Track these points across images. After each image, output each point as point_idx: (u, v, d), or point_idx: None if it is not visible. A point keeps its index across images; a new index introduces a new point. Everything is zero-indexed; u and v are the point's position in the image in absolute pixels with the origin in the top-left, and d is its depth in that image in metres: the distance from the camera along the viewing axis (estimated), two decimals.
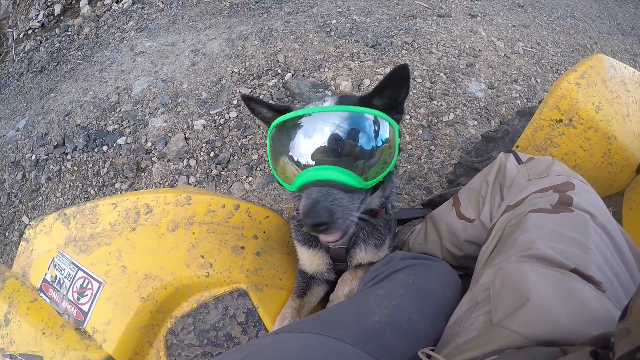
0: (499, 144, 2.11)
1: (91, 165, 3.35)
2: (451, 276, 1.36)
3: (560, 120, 1.68)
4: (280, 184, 1.24)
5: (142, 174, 3.24)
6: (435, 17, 4.63)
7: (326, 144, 1.14)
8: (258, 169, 3.10)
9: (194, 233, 1.35)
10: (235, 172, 3.10)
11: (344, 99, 1.23)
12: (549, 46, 4.59)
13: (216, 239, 1.37)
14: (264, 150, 3.19)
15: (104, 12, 5.16)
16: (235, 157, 3.18)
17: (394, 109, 1.22)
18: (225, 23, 4.60)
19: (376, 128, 1.17)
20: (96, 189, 3.24)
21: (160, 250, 1.31)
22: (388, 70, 3.70)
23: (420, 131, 3.33)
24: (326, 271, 1.53)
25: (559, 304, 0.91)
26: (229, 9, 4.88)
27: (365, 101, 1.20)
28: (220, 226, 1.40)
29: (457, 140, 3.30)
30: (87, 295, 1.28)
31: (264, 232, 1.50)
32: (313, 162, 1.14)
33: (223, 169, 3.13)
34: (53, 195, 3.31)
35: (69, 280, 1.31)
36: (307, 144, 1.15)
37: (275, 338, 1.06)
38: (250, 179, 3.05)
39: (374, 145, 1.16)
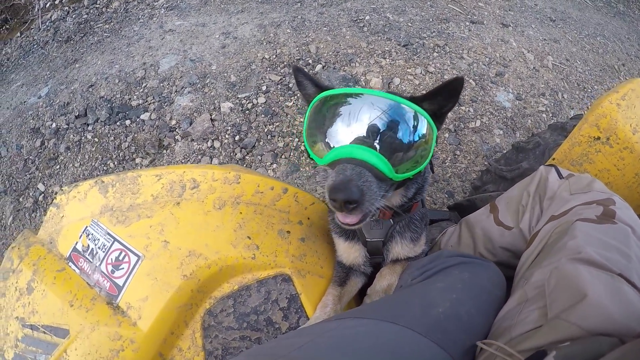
0: (529, 155, 2.12)
1: (112, 138, 3.32)
2: (500, 276, 1.37)
3: (598, 138, 1.68)
4: (310, 157, 1.24)
5: (164, 151, 3.20)
6: (467, 23, 4.58)
7: (370, 127, 1.15)
8: (283, 156, 3.06)
9: (241, 213, 1.31)
10: (259, 157, 3.06)
11: (394, 93, 1.22)
12: (578, 63, 4.54)
13: (263, 221, 1.33)
14: (290, 138, 3.16)
15: None
16: (261, 143, 3.14)
17: (437, 118, 1.22)
18: (258, 9, 4.56)
19: (419, 127, 1.18)
20: (116, 162, 3.21)
21: (206, 228, 1.26)
22: (419, 71, 3.69)
23: (446, 135, 3.30)
24: (362, 264, 1.52)
25: (611, 302, 0.98)
26: None
27: (416, 101, 1.19)
28: (267, 208, 1.36)
29: (482, 148, 3.26)
30: (123, 268, 1.22)
31: (308, 218, 1.46)
32: (351, 140, 1.15)
33: (247, 153, 3.09)
34: (71, 165, 3.28)
35: (103, 252, 1.26)
36: (351, 122, 1.16)
37: (339, 323, 1.07)
38: (274, 165, 3.02)
39: (413, 142, 1.18)
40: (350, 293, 1.51)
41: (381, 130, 1.14)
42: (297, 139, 3.15)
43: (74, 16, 4.87)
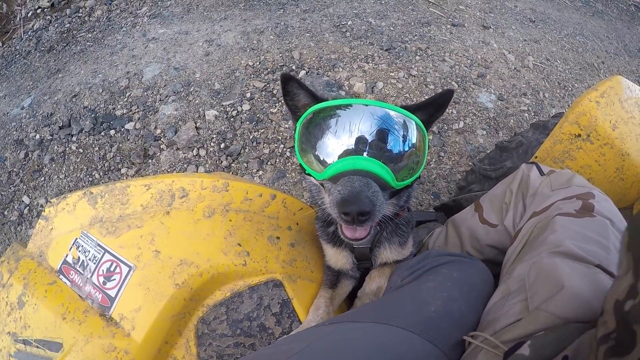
0: (512, 154, 2.18)
1: (97, 148, 3.30)
2: (487, 273, 1.41)
3: (579, 135, 1.74)
4: (306, 172, 1.24)
5: (150, 160, 3.19)
6: (449, 26, 4.63)
7: (371, 137, 1.15)
8: (269, 163, 3.06)
9: (230, 220, 1.31)
10: (245, 164, 3.06)
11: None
12: (558, 62, 4.61)
13: (253, 228, 1.34)
14: (276, 145, 3.16)
15: None
16: (246, 150, 3.14)
17: (425, 125, 1.26)
18: (241, 16, 4.55)
19: (415, 136, 1.21)
20: (101, 173, 3.18)
21: (197, 236, 1.27)
22: (401, 74, 3.72)
23: (430, 137, 3.32)
24: (350, 269, 1.53)
25: (588, 291, 1.04)
26: (244, 2, 4.82)
27: (410, 111, 1.22)
28: (256, 215, 1.37)
29: (465, 148, 3.30)
30: (114, 279, 1.22)
31: (297, 223, 1.47)
32: (352, 152, 1.15)
33: (233, 161, 3.09)
34: (56, 177, 3.25)
35: (94, 263, 1.26)
36: (352, 133, 1.15)
37: (335, 327, 1.09)
38: (260, 172, 3.02)
39: (410, 150, 1.20)
40: (341, 296, 1.53)
41: (382, 140, 1.15)
42: (282, 146, 3.16)
43: (56, 25, 4.81)
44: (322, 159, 1.19)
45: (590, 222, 1.26)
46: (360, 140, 1.15)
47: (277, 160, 3.08)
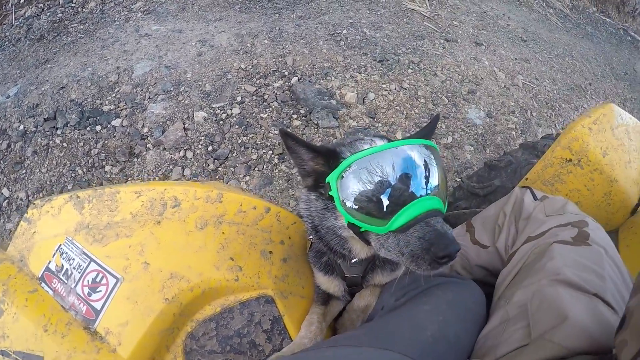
0: (501, 173, 2.21)
1: (82, 143, 3.23)
2: (481, 294, 1.42)
3: (570, 160, 1.77)
4: (370, 231, 1.16)
5: (135, 159, 3.13)
6: (442, 41, 4.66)
7: (421, 174, 1.13)
8: (256, 169, 3.03)
9: (223, 233, 1.28)
10: (232, 169, 3.03)
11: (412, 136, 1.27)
12: (546, 82, 4.68)
13: (246, 242, 1.31)
14: (264, 150, 3.14)
15: None
16: (234, 155, 3.11)
17: None
18: (236, 18, 4.52)
19: (439, 161, 1.20)
20: (84, 169, 3.12)
21: (188, 249, 1.23)
22: (393, 86, 3.74)
23: None
24: (341, 295, 1.51)
25: (591, 322, 1.07)
26: (240, 4, 4.79)
27: (428, 138, 1.22)
28: (249, 228, 1.34)
29: (453, 164, 3.32)
30: (100, 291, 1.17)
31: (290, 238, 1.44)
32: (413, 194, 1.10)
33: (220, 164, 3.05)
34: (38, 170, 3.18)
35: (79, 272, 1.20)
36: (407, 176, 1.12)
37: (334, 352, 1.09)
38: (247, 178, 2.99)
39: (445, 174, 1.20)
40: (333, 313, 1.53)
41: (427, 175, 1.14)
42: (270, 152, 3.13)
43: (48, 14, 4.73)
44: (379, 212, 1.11)
45: (587, 250, 1.29)
46: (417, 181, 1.12)
47: (265, 167, 3.05)
